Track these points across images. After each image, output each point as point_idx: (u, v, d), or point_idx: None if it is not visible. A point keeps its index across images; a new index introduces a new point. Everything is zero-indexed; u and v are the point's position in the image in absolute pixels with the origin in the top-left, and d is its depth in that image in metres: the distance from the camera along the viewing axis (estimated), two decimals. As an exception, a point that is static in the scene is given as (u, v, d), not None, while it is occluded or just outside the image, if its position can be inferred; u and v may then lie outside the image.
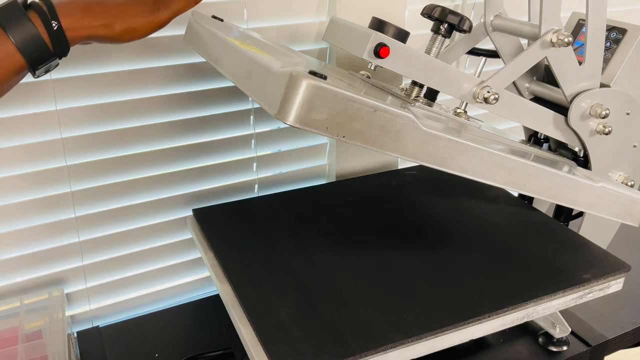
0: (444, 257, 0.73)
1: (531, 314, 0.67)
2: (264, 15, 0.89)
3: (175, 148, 0.89)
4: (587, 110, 0.76)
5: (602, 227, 0.86)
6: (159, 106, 0.86)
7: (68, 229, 0.86)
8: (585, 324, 0.83)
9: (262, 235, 0.77)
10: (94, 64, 0.80)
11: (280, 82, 0.48)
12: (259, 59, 0.54)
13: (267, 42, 0.77)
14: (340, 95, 0.49)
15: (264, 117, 0.95)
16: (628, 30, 0.78)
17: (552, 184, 0.66)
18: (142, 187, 0.89)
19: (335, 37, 0.69)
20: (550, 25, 0.69)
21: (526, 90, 0.85)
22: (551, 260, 0.73)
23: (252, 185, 0.98)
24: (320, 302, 0.64)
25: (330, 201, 0.87)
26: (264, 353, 0.57)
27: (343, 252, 0.73)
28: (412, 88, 0.73)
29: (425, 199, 0.87)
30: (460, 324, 0.62)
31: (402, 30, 0.64)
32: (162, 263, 0.95)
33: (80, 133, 0.82)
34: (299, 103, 0.47)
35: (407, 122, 0.53)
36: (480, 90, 0.67)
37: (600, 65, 0.75)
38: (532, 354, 0.76)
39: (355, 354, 0.57)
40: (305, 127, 0.48)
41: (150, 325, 0.87)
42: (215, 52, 0.65)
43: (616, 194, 0.71)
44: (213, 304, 0.92)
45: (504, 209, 0.85)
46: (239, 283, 0.67)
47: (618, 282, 0.72)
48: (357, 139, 0.51)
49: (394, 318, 0.62)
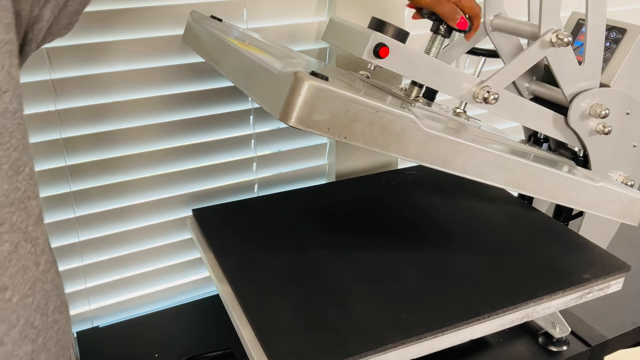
0: (444, 257, 0.73)
1: (531, 314, 0.67)
2: (264, 15, 0.89)
3: (175, 148, 0.89)
4: (586, 110, 0.76)
5: (602, 227, 0.86)
6: (159, 106, 0.86)
7: (68, 229, 0.86)
8: (585, 324, 0.83)
9: (262, 235, 0.77)
10: (94, 64, 0.80)
11: (281, 84, 0.48)
12: (260, 59, 0.54)
13: (266, 42, 0.77)
14: (342, 96, 0.49)
15: (263, 117, 0.95)
16: (628, 30, 0.78)
17: (553, 184, 0.66)
18: (142, 187, 0.89)
19: (335, 37, 0.69)
20: (550, 25, 0.69)
21: (526, 90, 0.85)
22: (551, 260, 0.73)
23: (251, 185, 0.98)
24: (320, 302, 0.64)
25: (330, 201, 0.87)
26: (264, 353, 0.57)
27: (343, 252, 0.73)
28: (411, 88, 0.73)
29: (425, 199, 0.87)
30: (460, 324, 0.62)
31: (401, 30, 0.64)
32: (162, 263, 0.95)
33: (80, 133, 0.82)
34: (300, 104, 0.47)
35: (408, 122, 0.53)
36: (479, 90, 0.67)
37: (599, 65, 0.75)
38: (532, 354, 0.76)
39: (355, 354, 0.57)
40: (307, 129, 0.48)
41: (150, 325, 0.87)
42: (215, 52, 0.65)
43: (616, 193, 0.71)
44: (213, 304, 0.92)
45: (503, 209, 0.85)
46: (239, 283, 0.67)
47: (618, 282, 0.72)
48: (358, 139, 0.51)
49: (394, 318, 0.62)
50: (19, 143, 0.38)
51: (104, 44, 0.80)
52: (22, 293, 0.39)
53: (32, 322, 0.40)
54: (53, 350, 0.42)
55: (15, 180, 0.37)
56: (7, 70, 0.36)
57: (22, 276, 0.38)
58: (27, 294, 0.39)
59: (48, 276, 0.42)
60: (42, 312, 0.41)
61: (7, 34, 0.37)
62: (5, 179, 0.36)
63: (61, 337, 0.43)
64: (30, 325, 0.39)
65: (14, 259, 0.38)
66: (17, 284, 0.38)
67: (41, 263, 0.41)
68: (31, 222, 0.39)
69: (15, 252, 0.38)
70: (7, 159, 0.36)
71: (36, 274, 0.40)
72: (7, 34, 0.37)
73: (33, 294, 0.40)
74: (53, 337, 0.42)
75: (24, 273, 0.39)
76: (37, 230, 0.40)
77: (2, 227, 0.37)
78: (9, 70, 0.37)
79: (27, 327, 0.39)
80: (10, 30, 0.37)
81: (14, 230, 0.37)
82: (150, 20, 0.81)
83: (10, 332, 0.38)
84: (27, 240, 0.39)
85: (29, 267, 0.39)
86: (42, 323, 0.41)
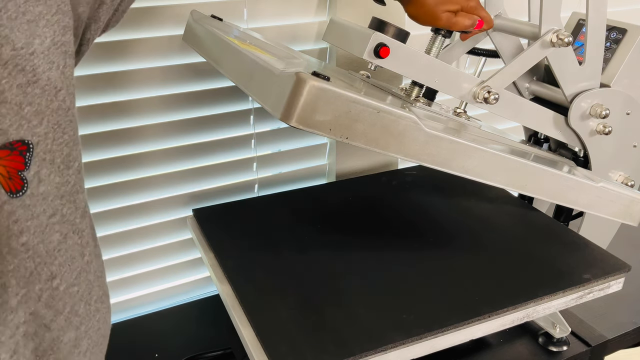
0: (444, 257, 0.73)
1: (531, 314, 0.67)
2: (264, 15, 0.89)
3: (176, 148, 0.89)
4: (587, 110, 0.76)
5: (602, 227, 0.86)
6: (159, 106, 0.86)
7: (68, 229, 0.85)
8: (585, 324, 0.83)
9: (262, 235, 0.77)
10: (94, 63, 0.80)
11: (283, 84, 0.48)
12: (261, 59, 0.54)
13: (267, 41, 0.77)
14: (344, 96, 0.49)
15: (263, 117, 0.95)
16: (628, 30, 0.78)
17: (553, 184, 0.66)
18: (142, 187, 0.89)
19: (335, 37, 0.69)
20: (550, 25, 0.69)
21: (526, 90, 0.85)
22: (551, 260, 0.73)
23: (252, 185, 0.98)
24: (320, 302, 0.64)
25: (330, 201, 0.87)
26: (264, 353, 0.57)
27: (343, 252, 0.73)
28: (412, 88, 0.73)
29: (425, 199, 0.87)
30: (460, 324, 0.62)
31: (402, 30, 0.64)
32: (162, 263, 0.95)
33: (80, 133, 0.82)
34: (302, 105, 0.47)
35: (409, 123, 0.53)
36: (480, 90, 0.67)
37: (600, 65, 0.75)
38: (532, 354, 0.76)
39: (355, 354, 0.57)
40: (308, 129, 0.48)
41: (150, 325, 0.87)
42: (216, 52, 0.65)
43: (616, 193, 0.71)
44: (213, 304, 0.92)
45: (504, 209, 0.85)
46: (239, 283, 0.67)
47: (618, 282, 0.72)
48: (359, 140, 0.51)
49: (394, 318, 0.62)
50: (70, 139, 0.40)
51: (104, 44, 0.80)
52: (69, 282, 0.41)
53: (76, 310, 0.42)
54: (94, 337, 0.44)
55: (66, 174, 0.40)
56: (62, 70, 0.39)
57: (69, 266, 0.41)
58: (72, 283, 0.41)
59: (91, 267, 0.44)
60: (85, 301, 0.43)
61: (64, 36, 0.39)
62: (57, 172, 0.39)
63: (102, 326, 0.46)
64: (75, 313, 0.42)
65: (63, 249, 0.40)
66: (65, 273, 0.40)
67: (86, 254, 0.43)
68: (78, 214, 0.42)
69: (64, 242, 0.40)
70: (59, 153, 0.39)
71: (81, 264, 0.42)
72: (63, 35, 0.39)
73: (78, 284, 0.42)
74: (95, 326, 0.44)
75: (71, 263, 0.41)
76: (83, 223, 0.42)
77: (53, 218, 0.39)
78: (63, 70, 0.39)
79: (72, 315, 0.41)
80: (67, 32, 0.40)
81: (64, 222, 0.40)
82: (150, 20, 0.81)
83: (57, 318, 0.40)
84: (74, 231, 0.41)
85: (76, 257, 0.41)
86: (86, 311, 0.43)
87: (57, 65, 0.38)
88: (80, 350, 0.42)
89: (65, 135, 0.40)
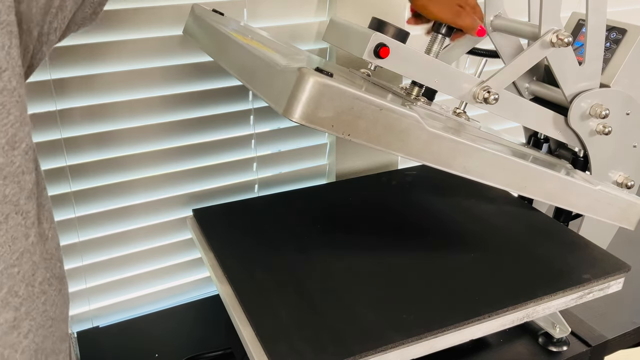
0: (444, 257, 0.73)
1: (531, 314, 0.67)
2: (264, 15, 0.89)
3: (175, 148, 0.89)
4: (587, 110, 0.76)
5: (602, 228, 0.86)
6: (159, 106, 0.86)
7: (68, 228, 0.86)
8: (585, 324, 0.83)
9: (262, 235, 0.77)
10: (93, 63, 0.80)
11: (286, 79, 0.48)
12: (264, 55, 0.54)
13: (269, 37, 0.77)
14: (347, 93, 0.49)
15: (264, 117, 0.95)
16: (628, 31, 0.78)
17: (552, 186, 0.66)
18: (142, 187, 0.89)
19: (335, 38, 0.69)
20: (550, 26, 0.69)
21: (526, 91, 0.85)
22: (551, 260, 0.73)
23: (252, 185, 0.98)
24: (320, 302, 0.64)
25: (330, 201, 0.87)
26: (264, 353, 0.57)
27: (343, 252, 0.73)
28: (412, 87, 0.73)
29: (425, 199, 0.87)
30: (460, 324, 0.62)
31: (402, 31, 0.64)
32: (162, 263, 0.95)
33: (80, 133, 0.82)
34: (305, 100, 0.47)
35: (412, 122, 0.53)
36: (480, 91, 0.67)
37: (600, 65, 0.75)
38: (532, 354, 0.76)
39: (355, 354, 0.56)
40: (311, 125, 0.48)
41: (150, 325, 0.87)
42: (217, 46, 0.65)
43: (613, 197, 0.71)
44: (213, 304, 0.92)
45: (504, 209, 0.85)
46: (239, 283, 0.67)
47: (618, 282, 0.72)
48: (361, 137, 0.51)
49: (394, 318, 0.62)
50: (16, 119, 0.40)
51: (104, 44, 0.80)
52: (8, 263, 0.40)
53: (16, 291, 0.41)
54: (39, 319, 0.43)
55: (10, 155, 0.39)
56: (7, 50, 0.38)
57: (9, 246, 0.40)
58: (12, 264, 0.41)
59: (37, 248, 0.43)
60: (27, 283, 0.42)
61: (8, 16, 0.39)
62: (1, 153, 0.39)
63: (49, 308, 0.45)
64: (14, 294, 0.41)
65: (3, 229, 0.40)
66: (4, 254, 0.40)
67: (31, 235, 0.42)
68: (23, 195, 0.41)
69: (5, 222, 0.40)
70: (4, 134, 0.39)
71: (25, 245, 0.42)
72: (7, 15, 0.39)
73: (20, 264, 0.41)
74: (39, 307, 0.43)
75: (12, 243, 0.40)
76: (30, 204, 0.42)
77: None
78: (8, 50, 0.39)
79: (9, 296, 0.41)
80: (11, 12, 0.39)
81: (5, 202, 0.39)
82: (150, 20, 0.81)
83: None
84: (17, 212, 0.41)
85: (18, 238, 0.41)
86: (27, 293, 0.42)
87: (2, 46, 0.38)
88: (20, 332, 0.42)
89: (10, 116, 0.39)
